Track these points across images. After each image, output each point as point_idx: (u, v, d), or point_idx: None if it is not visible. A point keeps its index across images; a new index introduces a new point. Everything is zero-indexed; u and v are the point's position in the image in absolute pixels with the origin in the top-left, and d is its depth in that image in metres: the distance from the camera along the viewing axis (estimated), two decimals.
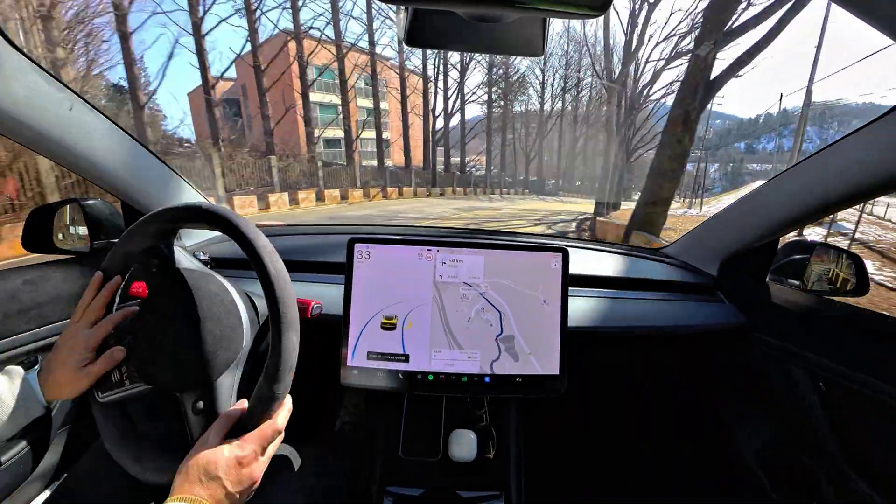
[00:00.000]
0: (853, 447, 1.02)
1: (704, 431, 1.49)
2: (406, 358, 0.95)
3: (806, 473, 1.12)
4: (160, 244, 0.74)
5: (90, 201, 1.15)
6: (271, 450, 0.65)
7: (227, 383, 0.70)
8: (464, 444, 1.03)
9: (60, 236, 1.10)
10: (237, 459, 0.59)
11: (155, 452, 0.67)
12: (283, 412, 0.66)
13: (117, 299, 0.78)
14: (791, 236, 1.25)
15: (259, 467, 0.62)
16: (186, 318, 0.68)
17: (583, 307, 1.17)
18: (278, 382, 0.64)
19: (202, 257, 1.14)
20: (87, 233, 1.13)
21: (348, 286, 0.96)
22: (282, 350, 0.64)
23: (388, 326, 0.96)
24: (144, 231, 0.72)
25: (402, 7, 0.61)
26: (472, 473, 1.05)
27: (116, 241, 0.75)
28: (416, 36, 0.66)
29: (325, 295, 1.09)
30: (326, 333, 1.02)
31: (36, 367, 0.72)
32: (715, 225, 1.36)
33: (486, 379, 0.95)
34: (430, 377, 0.95)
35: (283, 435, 0.67)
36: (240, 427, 0.63)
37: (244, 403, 0.66)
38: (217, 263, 1.19)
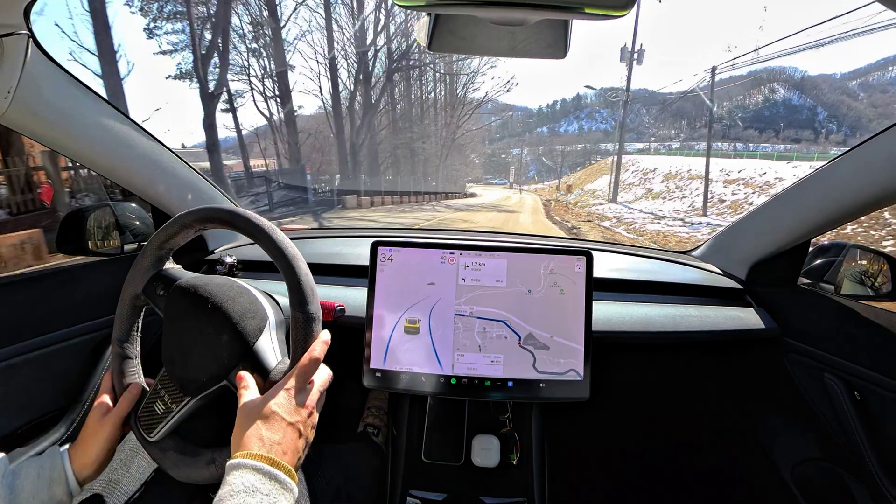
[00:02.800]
0: (893, 461, 0.98)
1: (733, 440, 1.45)
2: (429, 361, 0.95)
3: (843, 488, 1.08)
4: (158, 271, 0.77)
5: (122, 205, 1.19)
6: (319, 380, 0.66)
7: (266, 344, 0.71)
8: (487, 450, 1.02)
9: (93, 239, 1.14)
10: (284, 395, 0.60)
11: (223, 448, 0.68)
12: (319, 343, 0.67)
13: (140, 323, 0.80)
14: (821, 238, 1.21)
15: (311, 396, 0.63)
16: (204, 311, 0.70)
17: (607, 311, 1.15)
18: (306, 303, 0.67)
19: (229, 260, 1.16)
20: (118, 236, 1.16)
21: (371, 289, 0.97)
22: (296, 276, 0.67)
23: (412, 330, 0.96)
24: (140, 267, 0.76)
25: (425, 13, 0.61)
26: (494, 479, 1.04)
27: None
28: (438, 41, 0.67)
29: (348, 297, 1.10)
30: (349, 336, 1.03)
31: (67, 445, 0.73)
32: (744, 227, 1.32)
33: (510, 383, 0.94)
34: (453, 381, 0.95)
35: (329, 372, 0.69)
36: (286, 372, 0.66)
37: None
38: (245, 266, 1.21)
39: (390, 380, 0.95)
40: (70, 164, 8.49)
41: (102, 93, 0.98)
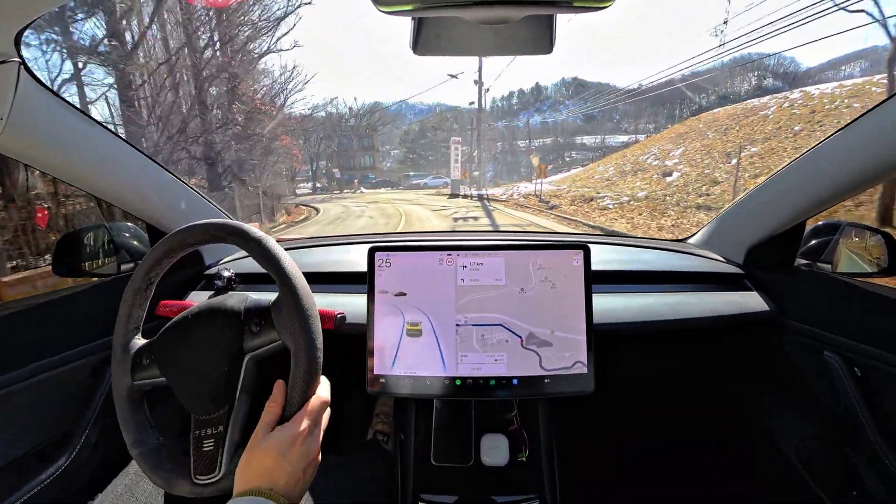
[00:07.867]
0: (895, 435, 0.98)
1: (739, 425, 1.45)
2: (432, 363, 0.95)
3: (849, 466, 1.08)
4: (133, 351, 0.74)
5: (118, 225, 1.19)
6: (324, 421, 0.67)
7: (255, 299, 0.71)
8: (495, 449, 1.02)
9: (89, 260, 1.13)
10: (291, 439, 0.61)
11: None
12: (324, 385, 0.68)
13: (148, 413, 0.76)
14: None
15: (315, 441, 0.64)
16: (188, 325, 0.70)
17: (607, 304, 1.15)
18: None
19: (226, 273, 1.16)
20: (115, 256, 1.16)
21: (371, 295, 0.97)
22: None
23: (414, 333, 0.96)
24: (117, 360, 0.73)
25: (409, 17, 0.61)
26: (505, 478, 1.04)
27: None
28: (423, 45, 0.66)
29: (348, 305, 1.10)
30: (351, 343, 1.03)
31: None
32: (739, 212, 1.33)
33: (514, 381, 0.94)
34: (458, 382, 0.94)
35: (328, 409, 0.69)
36: (286, 411, 0.65)
37: (281, 387, 0.66)
38: (242, 279, 1.21)
39: (394, 385, 0.95)
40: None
41: None
